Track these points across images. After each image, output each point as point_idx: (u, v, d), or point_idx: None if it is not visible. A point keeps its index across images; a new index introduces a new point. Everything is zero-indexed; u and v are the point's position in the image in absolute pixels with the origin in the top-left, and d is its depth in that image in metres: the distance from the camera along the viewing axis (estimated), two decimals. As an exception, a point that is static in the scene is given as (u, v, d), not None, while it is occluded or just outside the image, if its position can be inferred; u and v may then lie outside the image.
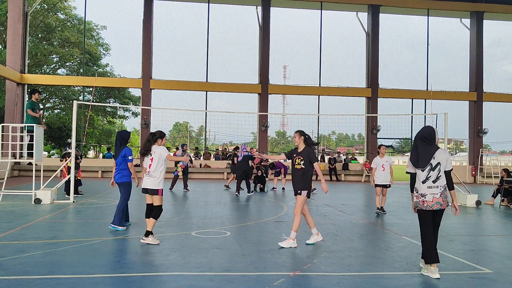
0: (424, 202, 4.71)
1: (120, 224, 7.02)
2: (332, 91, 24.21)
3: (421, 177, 4.75)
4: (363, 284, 4.43)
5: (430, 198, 4.68)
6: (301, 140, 6.23)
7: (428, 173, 4.71)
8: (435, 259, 4.64)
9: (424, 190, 4.71)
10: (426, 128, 4.90)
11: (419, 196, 4.75)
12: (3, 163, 13.08)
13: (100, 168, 21.36)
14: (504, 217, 9.94)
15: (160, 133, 6.30)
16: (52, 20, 31.25)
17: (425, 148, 4.75)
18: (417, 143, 4.82)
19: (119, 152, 7.13)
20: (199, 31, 23.97)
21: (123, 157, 7.09)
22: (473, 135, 25.06)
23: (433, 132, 4.82)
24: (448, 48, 27.26)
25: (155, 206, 6.11)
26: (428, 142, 4.77)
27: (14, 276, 4.36)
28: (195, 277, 4.49)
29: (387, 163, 9.42)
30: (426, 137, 4.79)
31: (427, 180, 4.71)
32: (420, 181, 4.75)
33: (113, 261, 5.11)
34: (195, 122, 79.88)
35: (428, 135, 4.79)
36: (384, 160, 9.45)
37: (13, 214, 8.36)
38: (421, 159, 4.73)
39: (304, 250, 5.90)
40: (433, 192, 4.68)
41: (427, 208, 4.70)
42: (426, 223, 4.77)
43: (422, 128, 4.97)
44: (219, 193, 13.97)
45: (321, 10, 24.48)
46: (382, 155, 9.48)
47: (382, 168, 9.35)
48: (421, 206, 4.73)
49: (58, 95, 33.10)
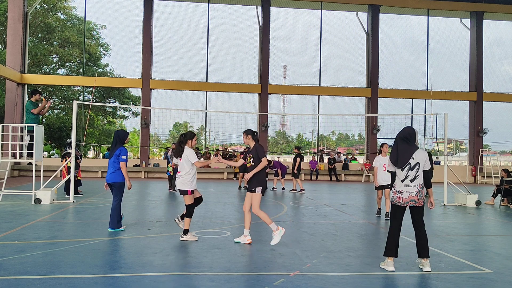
0: (399, 199, 4.93)
1: (117, 226, 6.94)
2: (332, 91, 24.21)
3: (400, 175, 4.97)
4: (362, 284, 4.42)
5: (406, 195, 4.90)
6: (249, 138, 6.35)
7: (407, 172, 4.91)
8: (393, 253, 4.90)
9: (401, 188, 4.93)
10: (407, 129, 5.06)
11: (396, 192, 4.97)
12: (3, 163, 13.09)
13: (100, 168, 21.38)
14: (504, 217, 9.94)
15: (191, 134, 6.43)
16: (52, 20, 31.26)
17: (405, 148, 4.94)
18: (397, 143, 5.00)
19: (114, 151, 6.93)
20: (199, 31, 24.00)
21: (117, 156, 6.89)
22: (473, 135, 25.06)
23: (414, 133, 5.02)
24: (448, 48, 27.27)
25: (186, 205, 6.31)
26: (408, 142, 4.96)
27: (14, 276, 4.36)
28: (195, 277, 4.49)
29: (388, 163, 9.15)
30: (407, 137, 4.97)
31: (405, 179, 4.92)
32: (399, 179, 4.97)
33: (113, 261, 5.11)
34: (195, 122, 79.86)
35: (409, 135, 4.98)
36: (387, 159, 8.88)
37: (13, 214, 8.36)
38: (400, 158, 4.92)
39: (304, 250, 5.90)
40: (410, 190, 4.90)
41: (402, 204, 4.92)
42: (396, 218, 5.00)
43: (403, 128, 5.11)
44: (219, 193, 13.97)
45: (321, 10, 24.48)
46: (384, 153, 9.03)
47: (384, 167, 8.88)
48: (396, 201, 4.96)
49: (58, 95, 33.10)
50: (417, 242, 4.99)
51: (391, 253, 4.90)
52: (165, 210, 9.63)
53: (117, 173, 6.90)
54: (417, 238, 4.99)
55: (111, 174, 6.90)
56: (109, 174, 6.93)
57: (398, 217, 4.99)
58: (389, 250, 4.91)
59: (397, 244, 4.92)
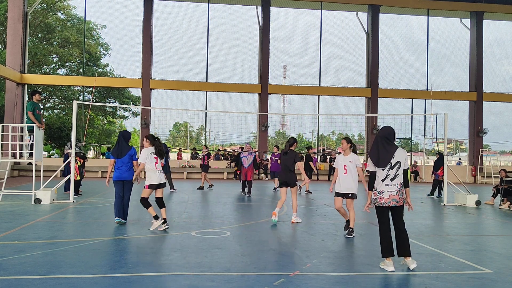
0: (381, 199, 4.93)
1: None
2: (332, 91, 24.21)
3: (380, 175, 4.96)
4: (363, 284, 4.42)
5: (387, 195, 4.90)
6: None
7: (388, 172, 4.92)
8: (390, 253, 4.90)
9: (382, 188, 4.93)
10: (387, 128, 5.07)
11: (377, 193, 4.97)
12: (3, 163, 13.08)
13: (100, 168, 21.37)
14: (504, 217, 9.94)
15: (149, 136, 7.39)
16: (52, 20, 31.25)
17: (386, 148, 4.95)
18: (378, 143, 4.99)
19: (126, 151, 7.51)
20: (199, 31, 24.00)
21: (131, 156, 7.56)
22: (473, 135, 25.06)
23: (393, 132, 5.07)
24: (448, 48, 27.27)
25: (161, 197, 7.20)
26: (389, 142, 4.98)
27: (14, 276, 4.35)
28: (195, 277, 4.49)
29: (352, 164, 6.93)
30: (387, 137, 5.00)
31: (386, 178, 4.93)
32: (379, 179, 4.96)
33: (113, 261, 5.10)
34: (195, 122, 79.93)
35: (389, 135, 5.01)
36: (348, 159, 6.98)
37: (13, 214, 8.35)
38: (382, 158, 4.92)
39: (304, 250, 5.90)
40: (390, 190, 4.91)
41: (384, 204, 4.92)
42: (382, 220, 5.01)
43: (383, 128, 5.12)
44: (219, 193, 13.96)
45: (321, 10, 24.48)
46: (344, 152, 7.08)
47: (344, 170, 6.93)
48: (379, 202, 4.95)
49: (58, 95, 33.10)
50: (397, 242, 4.99)
51: (388, 253, 4.91)
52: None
53: (132, 171, 7.56)
54: (397, 237, 5.00)
55: (127, 172, 7.50)
56: (124, 171, 7.49)
57: (384, 219, 5.00)
58: (385, 251, 4.93)
59: (391, 243, 4.93)
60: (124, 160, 7.48)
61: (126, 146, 7.58)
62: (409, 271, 4.91)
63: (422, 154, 26.64)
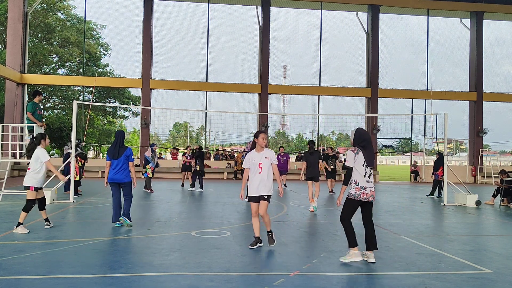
0: (364, 194, 5.21)
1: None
2: (332, 91, 24.20)
3: (362, 172, 5.25)
4: (363, 284, 4.42)
5: (369, 191, 5.23)
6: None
7: (366, 169, 5.27)
8: (355, 243, 5.26)
9: (364, 184, 5.23)
10: (363, 130, 5.47)
11: (360, 188, 5.21)
12: (3, 163, 13.07)
13: (100, 168, 21.38)
14: (504, 217, 9.94)
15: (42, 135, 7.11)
16: (52, 20, 31.25)
17: (371, 148, 5.35)
18: (366, 144, 5.33)
19: (122, 152, 7.22)
20: (199, 31, 24.00)
21: (127, 156, 7.27)
22: (473, 135, 25.05)
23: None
24: (448, 48, 27.27)
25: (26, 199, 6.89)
26: (371, 143, 5.40)
27: (13, 276, 4.35)
28: (195, 277, 4.49)
29: (268, 161, 5.74)
30: (368, 138, 5.40)
31: (365, 175, 5.25)
32: (361, 175, 5.24)
33: (113, 261, 5.10)
34: (195, 122, 79.98)
35: (369, 136, 5.47)
36: (263, 156, 5.77)
37: (13, 214, 8.35)
38: (371, 158, 5.32)
39: (304, 250, 5.90)
40: (371, 186, 5.26)
41: (365, 199, 5.21)
42: (352, 212, 5.29)
43: (360, 130, 5.43)
44: (219, 193, 13.96)
45: (321, 10, 24.48)
46: (260, 147, 5.81)
47: (259, 168, 5.73)
48: (361, 197, 5.20)
49: (58, 95, 33.11)
50: (366, 236, 5.28)
51: (356, 243, 5.26)
52: (165, 210, 9.62)
53: (127, 173, 7.29)
54: (369, 232, 5.30)
55: (121, 173, 7.20)
56: (117, 173, 7.18)
57: (353, 213, 5.30)
58: (354, 241, 5.25)
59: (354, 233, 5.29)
60: (119, 161, 7.21)
61: (122, 147, 7.33)
62: (409, 271, 4.91)
63: (422, 154, 26.63)
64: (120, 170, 7.19)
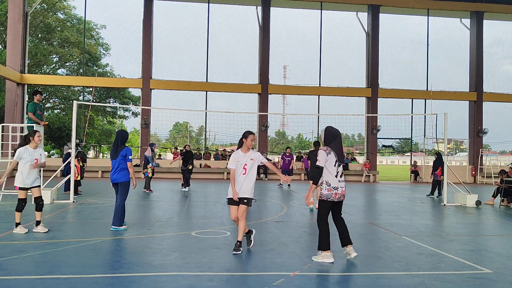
0: (336, 195, 5.19)
1: (120, 224, 7.00)
2: (332, 91, 24.21)
3: (333, 171, 5.19)
4: (363, 284, 4.42)
5: (340, 191, 5.21)
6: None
7: (337, 168, 5.22)
8: (328, 245, 5.21)
9: (336, 184, 5.19)
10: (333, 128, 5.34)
11: (332, 189, 5.18)
12: (3, 163, 13.08)
13: (100, 168, 21.38)
14: (504, 217, 9.94)
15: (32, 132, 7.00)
16: (52, 20, 31.27)
17: (340, 145, 5.30)
18: (336, 141, 5.26)
19: (119, 152, 7.04)
20: (199, 31, 24.00)
21: (124, 156, 7.02)
22: (473, 135, 25.06)
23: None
24: (448, 48, 27.27)
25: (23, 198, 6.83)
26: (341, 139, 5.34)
27: (13, 276, 4.35)
28: (195, 277, 4.49)
29: (254, 162, 5.66)
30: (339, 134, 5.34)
31: (337, 175, 5.21)
32: (333, 176, 5.19)
33: (113, 261, 5.11)
34: (195, 122, 79.89)
35: (339, 133, 5.36)
36: (249, 157, 5.66)
37: (13, 214, 8.33)
38: (342, 155, 5.26)
39: (304, 250, 5.90)
40: (342, 186, 5.25)
41: (337, 199, 5.20)
42: (327, 213, 5.27)
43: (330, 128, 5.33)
44: (219, 193, 13.96)
45: (321, 10, 24.49)
46: (247, 148, 5.70)
47: (243, 170, 5.63)
48: (333, 198, 5.18)
49: (58, 95, 33.13)
50: (340, 233, 5.33)
51: (329, 245, 5.21)
52: (165, 210, 9.63)
53: (123, 173, 7.01)
54: (340, 228, 5.33)
55: (118, 173, 6.99)
56: (115, 173, 7.01)
57: (328, 214, 5.26)
58: (327, 244, 5.20)
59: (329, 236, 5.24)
60: (116, 161, 7.03)
61: (120, 146, 7.11)
62: (409, 271, 4.91)
63: (422, 154, 26.63)
64: (117, 170, 7.03)
